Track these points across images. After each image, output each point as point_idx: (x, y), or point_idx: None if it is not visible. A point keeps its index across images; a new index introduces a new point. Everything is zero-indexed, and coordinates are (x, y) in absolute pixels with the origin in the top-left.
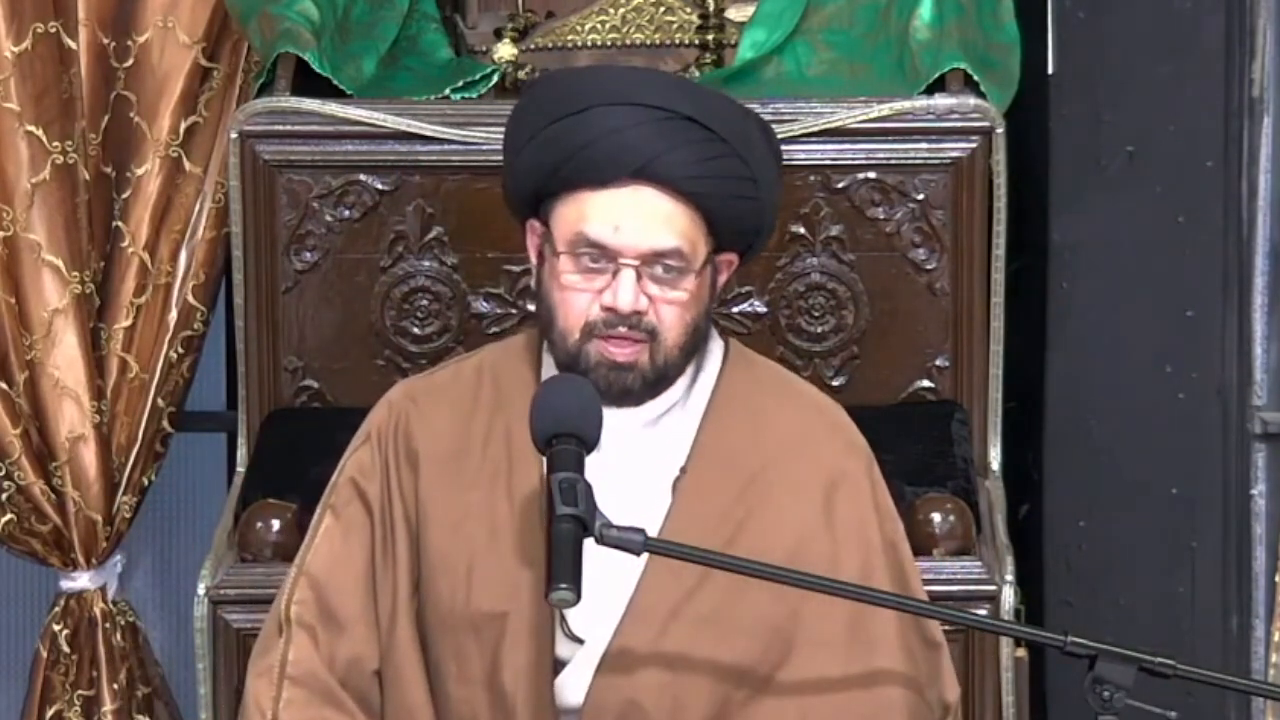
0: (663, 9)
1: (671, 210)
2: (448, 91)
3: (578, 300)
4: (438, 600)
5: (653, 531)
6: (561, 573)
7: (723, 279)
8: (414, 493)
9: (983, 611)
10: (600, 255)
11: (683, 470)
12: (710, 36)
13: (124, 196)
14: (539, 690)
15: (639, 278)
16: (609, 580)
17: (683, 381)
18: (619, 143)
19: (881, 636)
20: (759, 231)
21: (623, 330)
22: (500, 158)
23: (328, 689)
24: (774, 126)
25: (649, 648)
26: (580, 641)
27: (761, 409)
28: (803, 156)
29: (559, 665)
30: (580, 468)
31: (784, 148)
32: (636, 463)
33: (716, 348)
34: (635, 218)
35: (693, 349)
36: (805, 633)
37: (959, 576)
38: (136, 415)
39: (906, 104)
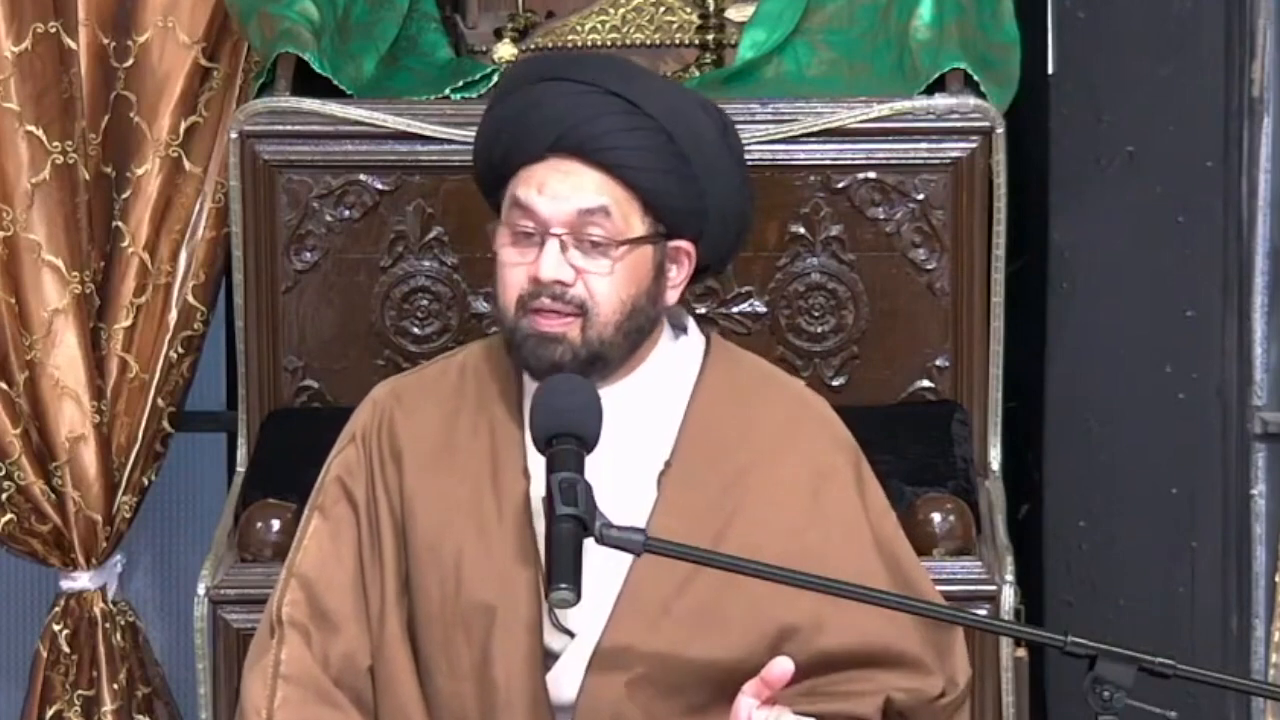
0: (663, 9)
1: (598, 179)
2: (448, 91)
3: (512, 274)
4: (427, 595)
5: (639, 525)
6: (562, 573)
7: (683, 272)
8: (399, 489)
9: (983, 611)
10: (530, 222)
11: (667, 464)
12: (710, 36)
13: (124, 196)
14: (531, 683)
15: (564, 248)
16: (597, 574)
17: (642, 367)
18: (539, 116)
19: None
20: (705, 214)
21: (547, 302)
22: None
23: (322, 687)
24: (774, 126)
25: (641, 642)
26: (570, 634)
27: (746, 403)
28: (803, 156)
29: (549, 657)
30: (580, 467)
31: (784, 148)
32: (620, 457)
33: (695, 341)
34: (560, 181)
35: (634, 331)
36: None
37: (959, 576)
38: (136, 415)
39: (906, 104)
